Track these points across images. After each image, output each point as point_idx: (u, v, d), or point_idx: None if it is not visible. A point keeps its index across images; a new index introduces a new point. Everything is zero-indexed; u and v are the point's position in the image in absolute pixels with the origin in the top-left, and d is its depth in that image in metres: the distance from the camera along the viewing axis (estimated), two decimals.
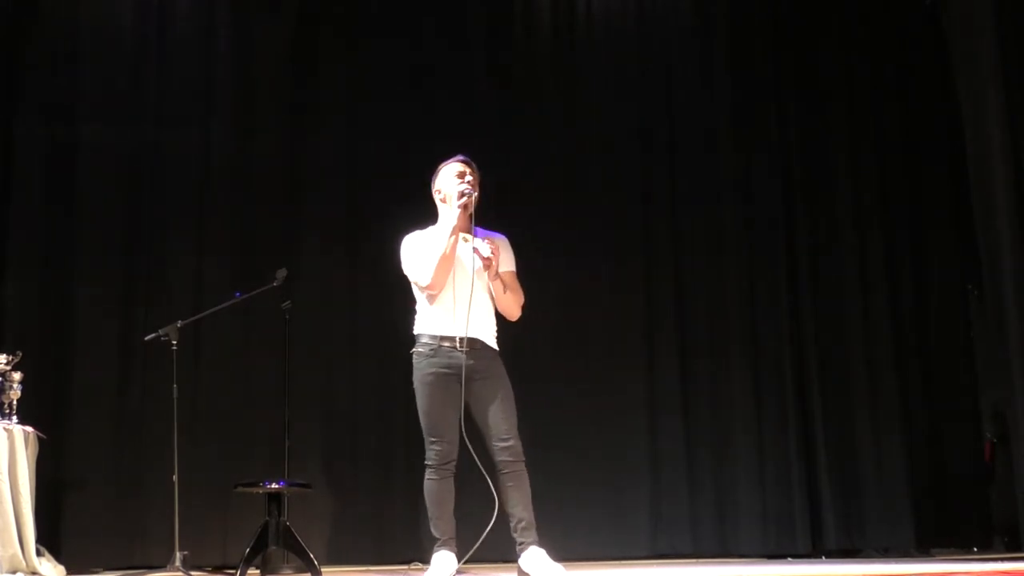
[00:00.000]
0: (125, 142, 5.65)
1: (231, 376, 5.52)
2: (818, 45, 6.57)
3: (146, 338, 4.76)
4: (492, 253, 3.88)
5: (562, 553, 4.00)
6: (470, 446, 3.82)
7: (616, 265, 6.16)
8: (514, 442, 3.87)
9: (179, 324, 4.71)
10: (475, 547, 3.85)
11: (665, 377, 6.07)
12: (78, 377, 5.35)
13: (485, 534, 3.76)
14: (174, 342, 4.68)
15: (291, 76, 5.93)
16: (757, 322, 6.22)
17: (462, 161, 4.07)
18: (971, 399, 6.36)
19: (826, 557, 5.85)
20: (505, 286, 3.98)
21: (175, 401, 4.64)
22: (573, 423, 5.84)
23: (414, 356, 3.97)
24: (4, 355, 4.45)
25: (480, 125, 6.02)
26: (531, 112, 6.20)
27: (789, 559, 5.78)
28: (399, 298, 5.73)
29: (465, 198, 3.92)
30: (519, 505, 3.82)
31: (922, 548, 5.94)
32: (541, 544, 3.81)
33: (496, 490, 3.83)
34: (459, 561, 3.89)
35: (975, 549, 6.10)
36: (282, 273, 4.77)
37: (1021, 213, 5.46)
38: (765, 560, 5.78)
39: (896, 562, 5.42)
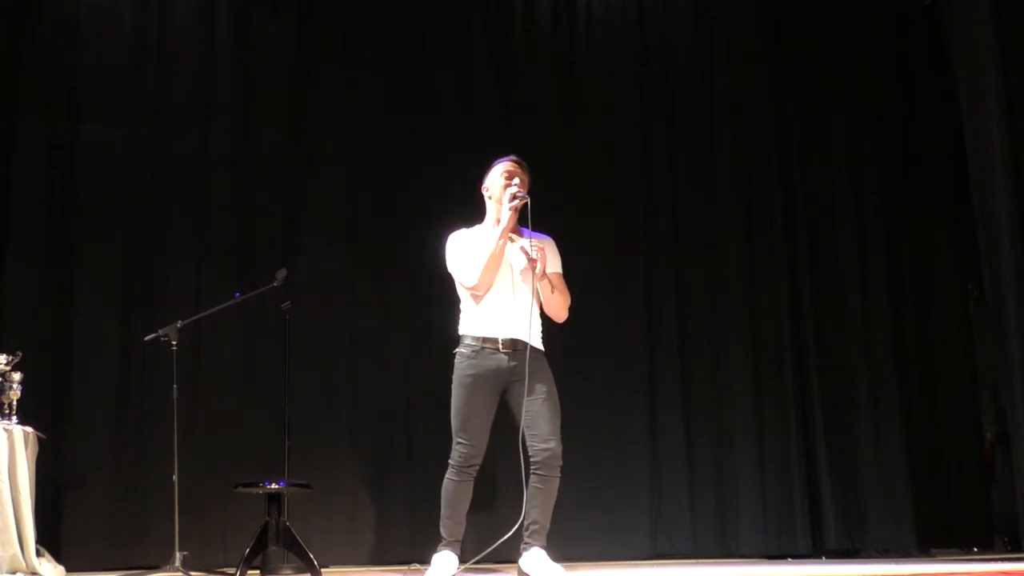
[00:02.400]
0: (125, 142, 5.64)
1: (231, 376, 5.52)
2: (818, 44, 6.58)
3: (146, 338, 4.76)
4: (539, 253, 3.86)
5: (562, 553, 4.00)
6: (522, 456, 3.81)
7: (616, 266, 6.16)
8: (555, 444, 3.86)
9: (179, 324, 4.71)
10: (487, 551, 3.84)
11: (665, 376, 6.07)
12: (78, 377, 5.34)
13: (501, 541, 3.75)
14: (174, 342, 4.67)
15: (291, 76, 5.92)
16: (758, 322, 6.23)
17: (514, 162, 4.06)
18: (971, 399, 6.37)
19: (826, 557, 5.86)
20: (552, 287, 3.97)
21: (175, 401, 4.64)
22: (572, 423, 5.79)
23: (456, 356, 3.97)
24: (4, 355, 4.45)
25: (480, 125, 6.02)
26: (531, 112, 6.20)
27: (789, 559, 5.78)
28: (399, 297, 5.79)
29: (517, 201, 3.90)
30: (538, 508, 3.82)
31: (922, 548, 5.95)
32: (545, 548, 3.81)
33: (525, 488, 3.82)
34: (464, 563, 3.88)
35: (975, 549, 6.11)
36: (282, 273, 4.76)
37: (1021, 213, 5.46)
38: (765, 560, 5.78)
39: (896, 562, 5.42)
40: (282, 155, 5.84)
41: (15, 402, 4.44)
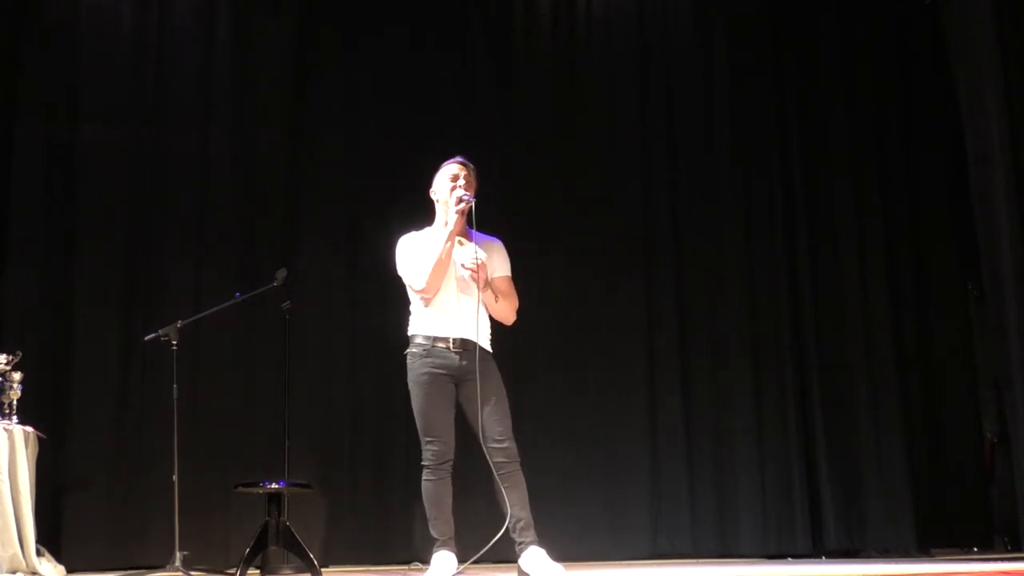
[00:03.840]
0: (125, 142, 5.65)
1: (231, 376, 5.52)
2: (818, 44, 6.58)
3: (146, 338, 4.76)
4: (479, 268, 3.84)
5: (562, 553, 4.00)
6: (486, 449, 3.81)
7: (616, 267, 6.16)
8: (509, 443, 3.86)
9: (179, 324, 4.71)
10: (482, 552, 3.84)
11: (665, 377, 6.07)
12: (78, 377, 5.34)
13: (495, 539, 3.75)
14: (174, 342, 4.67)
15: (291, 76, 5.92)
16: (758, 322, 6.22)
17: (459, 163, 4.05)
18: (971, 399, 6.37)
19: (826, 557, 5.86)
20: (497, 295, 3.95)
21: (175, 401, 4.64)
22: (573, 423, 5.84)
23: (408, 357, 3.96)
24: (4, 355, 4.45)
25: (480, 125, 6.02)
26: (531, 112, 6.20)
27: (789, 559, 5.78)
28: (399, 298, 5.75)
29: (463, 204, 3.90)
30: (516, 505, 3.82)
31: (922, 548, 5.94)
32: (541, 544, 3.81)
33: (496, 491, 3.83)
34: (461, 563, 3.88)
35: (975, 549, 6.11)
36: (282, 273, 4.76)
37: (1021, 213, 5.46)
38: (765, 560, 5.78)
39: (896, 562, 5.42)
40: (282, 155, 5.85)
41: (15, 402, 4.44)
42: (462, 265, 3.88)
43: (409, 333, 4.00)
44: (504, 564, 4.52)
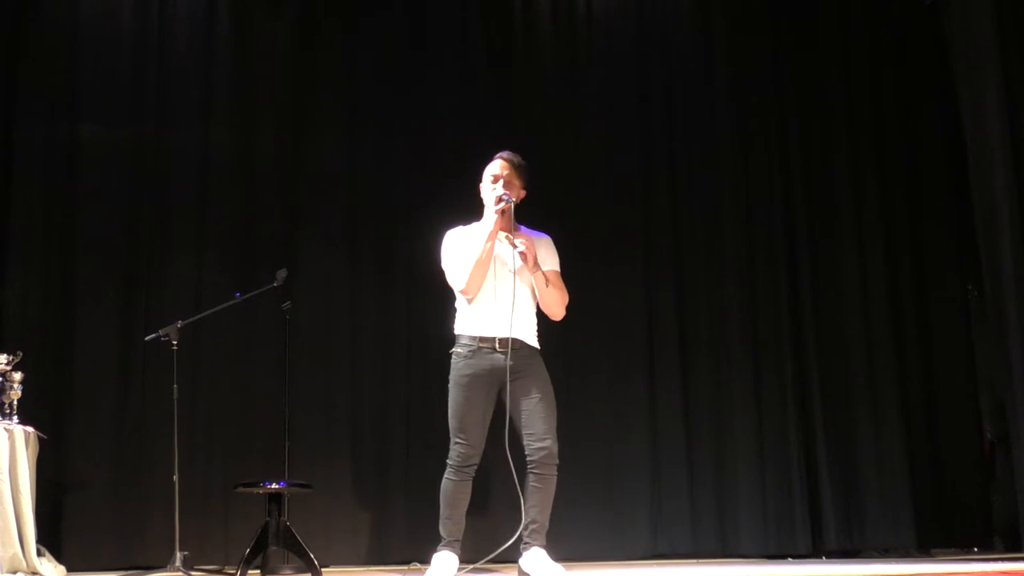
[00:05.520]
0: (125, 142, 5.64)
1: (231, 376, 5.52)
2: (818, 45, 6.58)
3: (146, 338, 4.76)
4: (526, 248, 3.87)
5: (562, 553, 4.01)
6: (509, 454, 3.81)
7: (616, 267, 6.15)
8: (550, 443, 3.87)
9: (179, 324, 4.71)
10: (489, 557, 3.84)
11: (665, 377, 6.06)
12: (78, 377, 5.34)
13: (506, 546, 3.75)
14: (174, 342, 4.68)
15: (291, 76, 5.92)
16: (758, 322, 6.22)
17: (501, 160, 4.09)
18: (971, 399, 6.37)
19: (826, 557, 5.86)
20: (547, 281, 3.97)
21: (175, 401, 4.64)
22: (573, 423, 5.82)
23: (452, 356, 3.98)
24: (4, 355, 4.45)
25: (480, 125, 6.01)
26: (531, 112, 6.20)
27: (789, 559, 5.78)
28: (399, 298, 5.79)
29: (501, 204, 3.93)
30: (537, 507, 3.83)
31: (922, 548, 5.95)
32: (545, 547, 3.81)
33: (520, 488, 3.82)
34: (464, 564, 3.89)
35: (975, 549, 6.11)
36: (282, 273, 4.77)
37: (1021, 213, 5.46)
38: (765, 560, 5.78)
39: (896, 562, 5.43)
40: (282, 155, 5.84)
41: (15, 402, 4.45)
42: (513, 244, 3.89)
43: (455, 332, 4.02)
44: (505, 564, 4.53)
